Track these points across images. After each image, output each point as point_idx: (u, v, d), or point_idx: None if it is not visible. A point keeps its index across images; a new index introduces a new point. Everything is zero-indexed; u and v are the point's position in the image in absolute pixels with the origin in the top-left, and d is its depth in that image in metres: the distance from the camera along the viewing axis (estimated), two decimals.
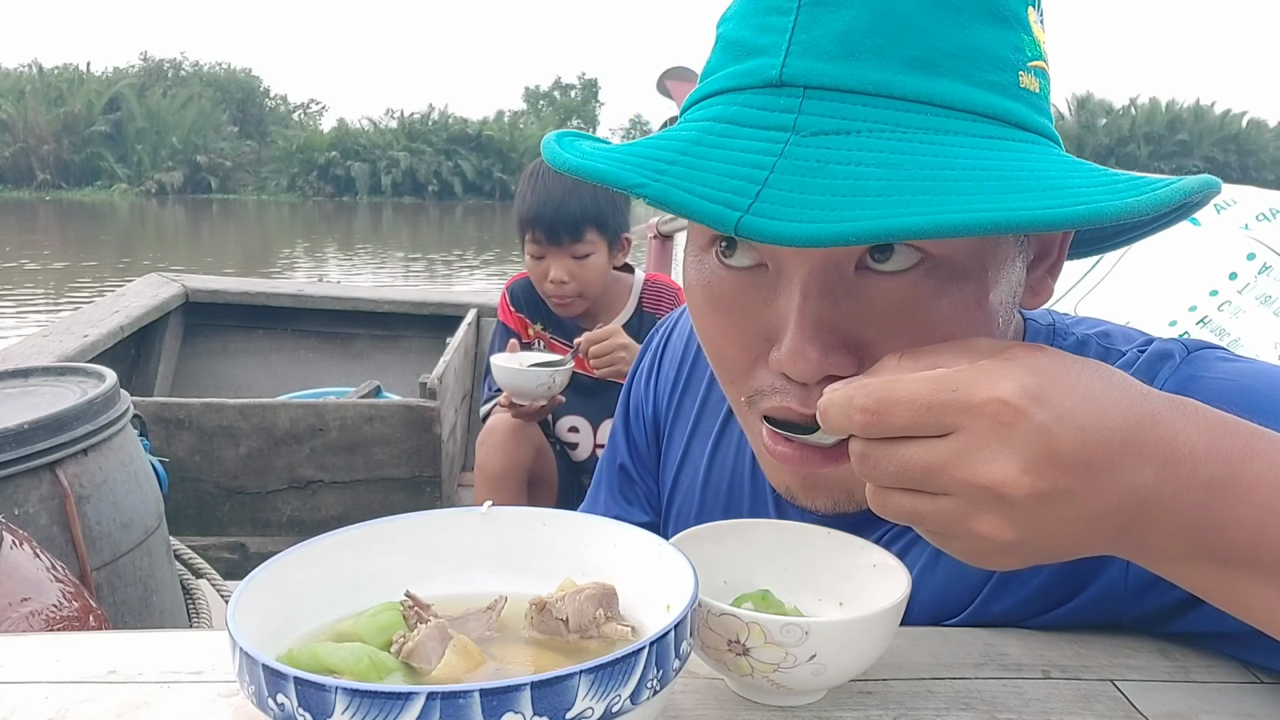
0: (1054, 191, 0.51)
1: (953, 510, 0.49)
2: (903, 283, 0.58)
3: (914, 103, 0.54)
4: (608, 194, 2.21)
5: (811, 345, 0.58)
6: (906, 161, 0.52)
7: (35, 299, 11.23)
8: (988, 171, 0.52)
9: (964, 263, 0.58)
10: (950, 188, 0.50)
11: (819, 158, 0.52)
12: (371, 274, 15.85)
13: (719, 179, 0.53)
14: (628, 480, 0.97)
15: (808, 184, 0.51)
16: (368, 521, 0.63)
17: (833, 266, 0.58)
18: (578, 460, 2.41)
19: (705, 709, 0.60)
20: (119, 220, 29.36)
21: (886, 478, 0.50)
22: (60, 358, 2.85)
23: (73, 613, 1.36)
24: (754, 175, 0.52)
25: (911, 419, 0.48)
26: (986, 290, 0.59)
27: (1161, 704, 0.61)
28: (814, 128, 0.53)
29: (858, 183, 0.51)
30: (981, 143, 0.54)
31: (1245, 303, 1.69)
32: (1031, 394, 0.47)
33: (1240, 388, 0.65)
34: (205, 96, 45.45)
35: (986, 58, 0.56)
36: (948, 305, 0.58)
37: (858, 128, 0.53)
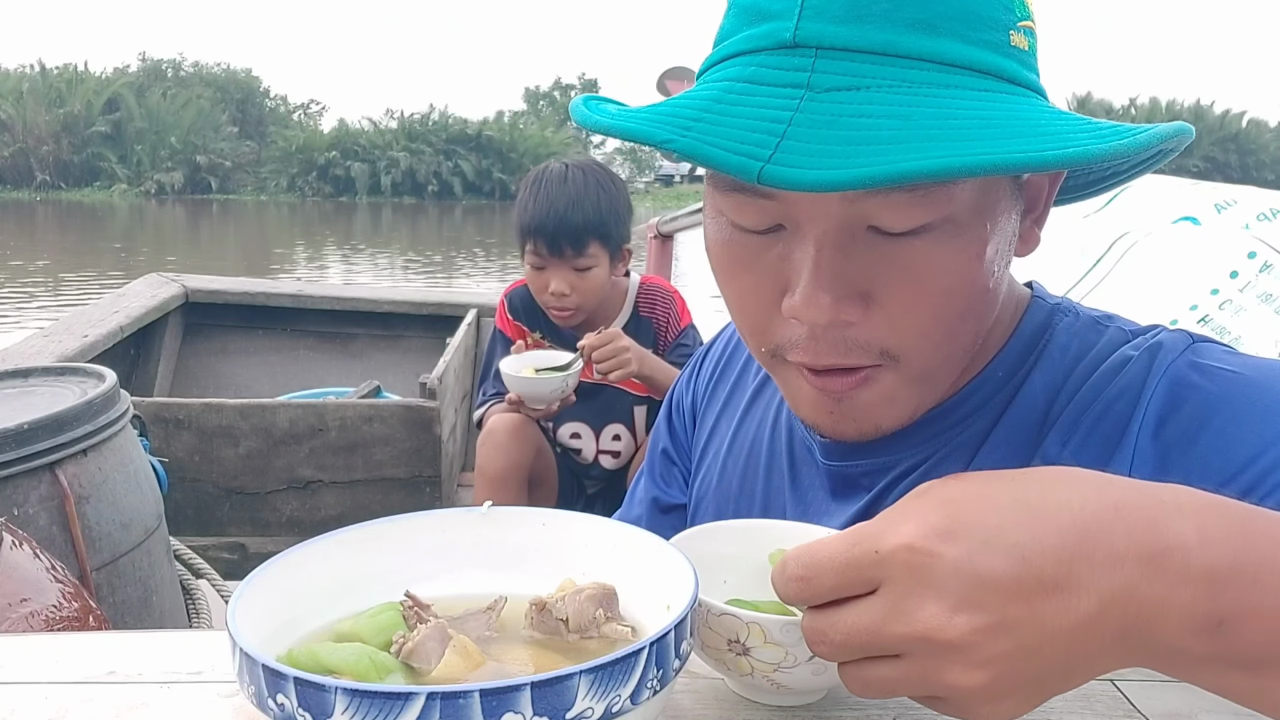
0: (1047, 137, 0.56)
1: (914, 669, 0.46)
2: (913, 242, 0.62)
3: (918, 60, 0.58)
4: (611, 205, 2.18)
5: (824, 292, 0.62)
6: (914, 113, 0.56)
7: (35, 299, 11.23)
8: (988, 120, 0.56)
9: (966, 220, 0.62)
10: (955, 135, 0.55)
11: (832, 111, 0.56)
12: (371, 274, 15.86)
13: (741, 133, 0.57)
14: (668, 463, 1.03)
15: (824, 135, 0.55)
16: (368, 521, 0.63)
17: (845, 227, 0.62)
18: (583, 464, 2.41)
19: (705, 709, 0.60)
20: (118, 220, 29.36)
21: (841, 650, 0.48)
22: (60, 358, 2.85)
23: (72, 613, 1.36)
24: (773, 129, 0.56)
25: (835, 579, 0.47)
26: (985, 244, 0.64)
27: (1161, 704, 0.61)
28: (826, 85, 0.58)
29: (870, 133, 0.55)
30: (981, 95, 0.58)
31: (1246, 301, 1.69)
32: (939, 531, 0.45)
33: (1244, 380, 0.66)
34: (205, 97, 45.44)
35: (981, 19, 0.60)
36: (949, 259, 0.63)
37: (867, 84, 0.57)
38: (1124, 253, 1.90)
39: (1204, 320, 1.72)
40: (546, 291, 2.22)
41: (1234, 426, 0.64)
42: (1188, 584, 0.44)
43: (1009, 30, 0.62)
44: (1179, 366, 0.68)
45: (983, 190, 0.63)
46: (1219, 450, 0.64)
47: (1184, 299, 1.76)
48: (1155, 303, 1.77)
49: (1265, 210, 1.80)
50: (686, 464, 1.02)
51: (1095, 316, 0.76)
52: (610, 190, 2.21)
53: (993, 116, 0.57)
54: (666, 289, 2.41)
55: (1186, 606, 0.44)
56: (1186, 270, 1.79)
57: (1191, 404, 0.66)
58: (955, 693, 0.45)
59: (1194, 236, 1.83)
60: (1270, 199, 1.84)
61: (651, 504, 1.02)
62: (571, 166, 2.23)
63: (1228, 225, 1.81)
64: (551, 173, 2.21)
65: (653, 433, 1.07)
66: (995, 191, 0.64)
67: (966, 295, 0.65)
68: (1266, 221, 1.78)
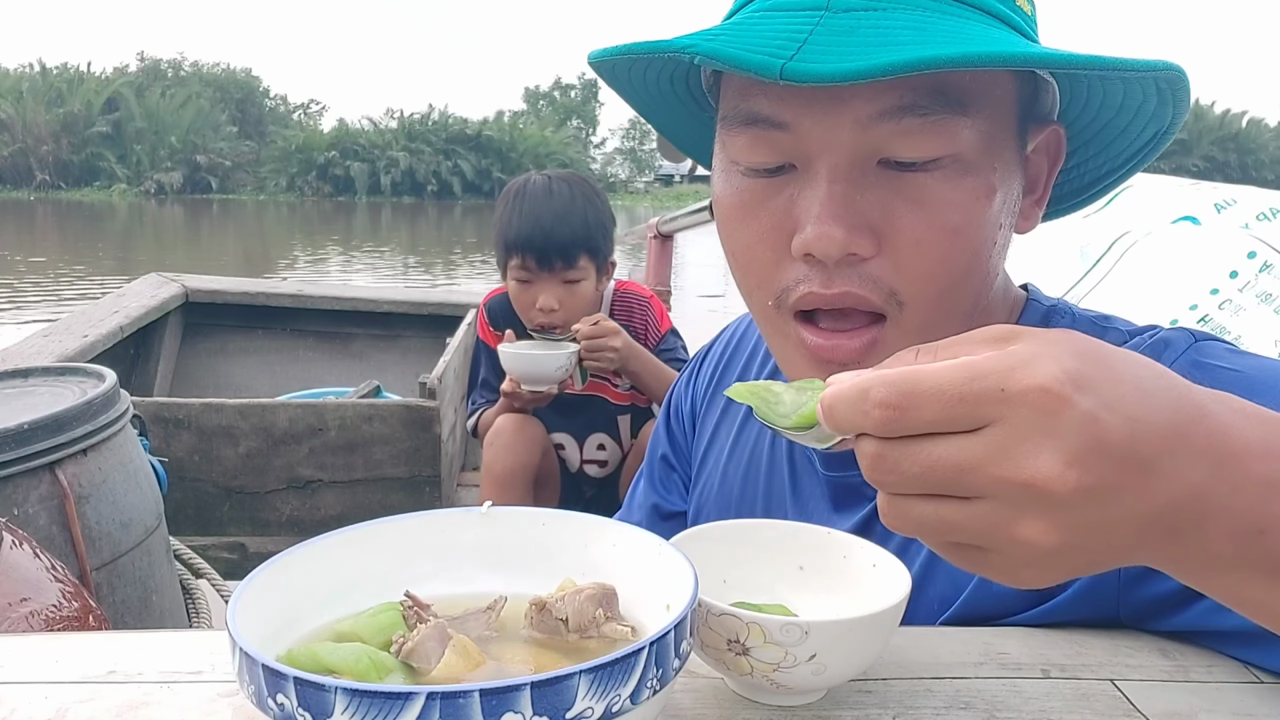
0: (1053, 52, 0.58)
1: (989, 516, 0.43)
2: (923, 176, 0.64)
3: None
4: (598, 217, 2.15)
5: (836, 223, 0.63)
6: (930, 27, 0.60)
7: (35, 299, 11.23)
8: (998, 38, 0.60)
9: (974, 160, 0.64)
10: (968, 41, 0.59)
11: (850, 25, 0.60)
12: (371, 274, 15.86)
13: (763, 41, 0.60)
14: (668, 469, 1.03)
15: (843, 41, 0.59)
16: (368, 521, 0.63)
17: (856, 159, 0.64)
18: (569, 472, 2.41)
19: (705, 709, 0.60)
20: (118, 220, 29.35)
21: (908, 482, 0.44)
22: (60, 358, 2.85)
23: (72, 613, 1.36)
24: (795, 36, 0.60)
25: (940, 413, 0.43)
26: (994, 187, 0.65)
27: (1161, 703, 0.61)
28: (844, 6, 0.61)
29: (888, 36, 0.59)
30: (991, 24, 0.62)
31: (1246, 301, 1.69)
32: (1075, 380, 0.42)
33: (1247, 379, 0.66)
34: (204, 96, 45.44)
35: None
36: (960, 195, 0.64)
37: (883, 6, 0.61)
38: (1124, 252, 1.90)
39: (1204, 320, 1.72)
40: (533, 307, 2.16)
41: None
42: (1246, 489, 0.44)
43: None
44: (1181, 365, 0.68)
45: (988, 134, 0.65)
46: None
47: (1184, 299, 1.76)
48: (1155, 302, 1.77)
49: (1265, 210, 1.80)
50: (686, 470, 1.01)
51: (1092, 317, 0.76)
52: (595, 202, 2.18)
53: (1003, 38, 0.61)
54: (642, 294, 2.37)
55: (1239, 512, 0.44)
56: (1186, 270, 1.79)
57: None
58: (1019, 550, 0.44)
59: (1194, 236, 1.83)
60: (1270, 199, 1.84)
61: (652, 510, 1.01)
62: (555, 179, 2.18)
63: (1227, 225, 1.81)
64: (535, 186, 2.16)
65: (652, 437, 1.07)
66: (1001, 139, 0.66)
67: (974, 241, 0.66)
68: (1266, 221, 1.78)
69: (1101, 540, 0.44)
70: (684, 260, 9.99)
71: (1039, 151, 0.71)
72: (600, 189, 2.29)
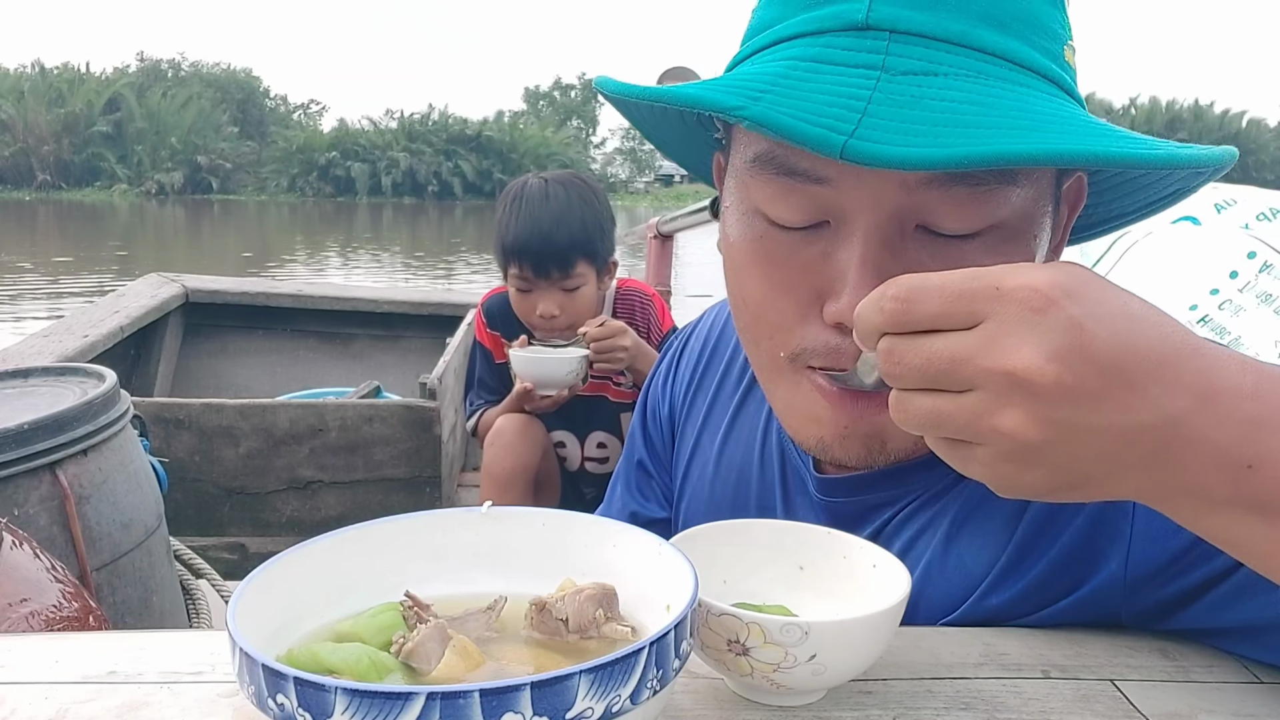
0: (1124, 140, 0.57)
1: (975, 406, 0.46)
2: (967, 245, 0.62)
3: (989, 54, 0.59)
4: (596, 220, 2.14)
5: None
6: (994, 103, 0.57)
7: (35, 299, 11.23)
8: (1064, 119, 0.58)
9: (1015, 227, 0.63)
10: (1035, 126, 0.56)
11: (912, 94, 0.57)
12: (371, 274, 15.86)
13: (818, 106, 0.56)
14: (645, 476, 1.00)
15: (906, 115, 0.56)
16: (368, 521, 0.63)
17: (896, 221, 0.61)
18: (570, 472, 2.41)
19: (705, 709, 0.60)
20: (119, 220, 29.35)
21: (912, 375, 0.48)
22: (60, 358, 2.85)
23: (73, 613, 1.36)
24: (853, 105, 0.56)
25: (941, 307, 0.47)
26: (1032, 254, 0.64)
27: (1161, 704, 0.61)
28: (902, 68, 0.58)
29: (954, 115, 0.56)
30: (1050, 96, 0.60)
31: (1246, 301, 1.69)
32: (1066, 289, 0.46)
33: None
34: (205, 97, 45.45)
35: (1043, 27, 0.62)
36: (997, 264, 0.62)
37: (944, 70, 0.58)
38: (1124, 253, 1.90)
39: (1204, 320, 1.72)
40: (534, 314, 2.16)
41: None
42: (1230, 425, 0.46)
43: (1064, 44, 0.63)
44: None
45: (1033, 200, 0.63)
46: None
47: (1184, 299, 1.76)
48: (1155, 303, 1.77)
49: (1265, 210, 1.80)
50: (665, 478, 0.99)
51: None
52: (593, 204, 2.16)
53: (1069, 116, 0.58)
54: (645, 292, 2.37)
55: (1222, 446, 0.46)
56: (1186, 270, 1.79)
57: None
58: (1000, 440, 0.46)
59: (1194, 236, 1.83)
60: (1270, 199, 1.84)
61: (630, 519, 0.98)
62: (551, 182, 2.16)
63: (1227, 225, 1.81)
64: (531, 190, 2.14)
65: (628, 440, 1.03)
66: (1042, 204, 0.64)
67: None
68: (1266, 221, 1.78)
69: (1080, 446, 0.46)
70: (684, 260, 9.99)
71: (1063, 200, 0.69)
72: (600, 189, 2.28)
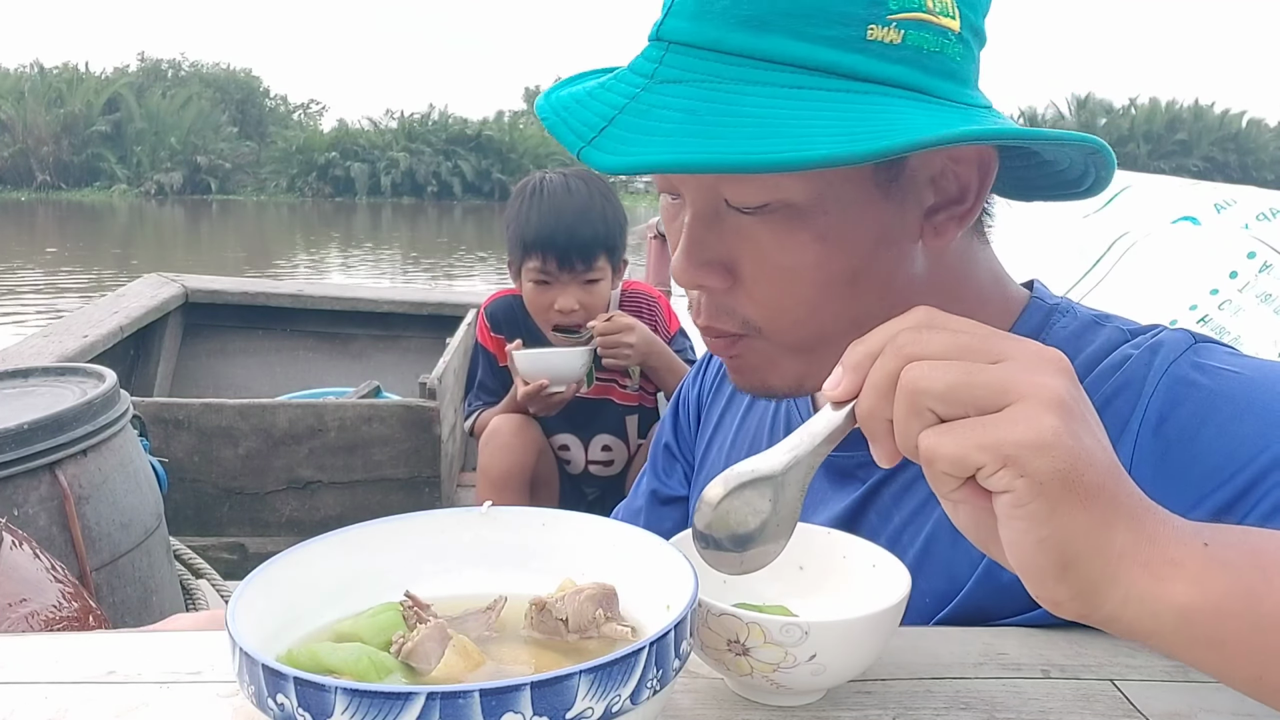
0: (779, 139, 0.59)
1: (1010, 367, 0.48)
2: (755, 220, 0.67)
3: (738, 56, 0.63)
4: (615, 215, 2.13)
5: (688, 260, 0.71)
6: (701, 108, 0.62)
7: (35, 299, 11.23)
8: (760, 119, 0.61)
9: (804, 205, 0.66)
10: (709, 132, 0.61)
11: (651, 102, 0.63)
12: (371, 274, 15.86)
13: (588, 115, 0.65)
14: (670, 458, 1.05)
15: (635, 124, 0.63)
16: (367, 521, 0.63)
17: (709, 200, 0.69)
18: (573, 474, 2.40)
19: (705, 709, 0.60)
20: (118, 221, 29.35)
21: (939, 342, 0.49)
22: (60, 358, 2.85)
23: (72, 613, 1.36)
24: (608, 114, 0.64)
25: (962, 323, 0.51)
26: (827, 229, 0.67)
27: (1161, 703, 0.61)
28: (664, 76, 0.65)
29: (659, 124, 0.62)
30: (780, 92, 0.62)
31: (1245, 301, 1.69)
32: None
33: (1247, 381, 0.66)
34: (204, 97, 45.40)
35: (824, 15, 0.62)
36: (785, 239, 0.68)
37: (687, 78, 0.64)
38: (1124, 253, 1.90)
39: (1204, 320, 1.72)
40: (551, 309, 2.13)
41: (1235, 424, 0.64)
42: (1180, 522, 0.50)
43: (867, 25, 0.63)
44: (1181, 365, 0.68)
45: (823, 179, 0.66)
46: (1220, 447, 0.64)
47: (1184, 299, 1.76)
48: (1155, 303, 1.77)
49: (1265, 210, 1.80)
50: (689, 458, 1.03)
51: (1093, 316, 0.76)
52: (612, 200, 2.16)
53: (766, 115, 0.61)
54: (650, 294, 2.36)
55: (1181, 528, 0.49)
56: (1186, 270, 1.79)
57: (1193, 401, 0.66)
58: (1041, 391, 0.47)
59: (1194, 236, 1.83)
60: (1270, 199, 1.84)
61: (651, 496, 1.04)
62: (571, 176, 2.15)
63: (1227, 225, 1.81)
64: (552, 183, 2.13)
65: (658, 428, 1.09)
66: (842, 182, 0.66)
67: (813, 277, 0.69)
68: (1266, 221, 1.78)
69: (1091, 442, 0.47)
70: None
71: (965, 163, 0.70)
72: (612, 187, 2.28)
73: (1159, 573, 0.47)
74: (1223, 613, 0.47)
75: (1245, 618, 0.47)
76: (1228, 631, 0.47)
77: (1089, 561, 0.47)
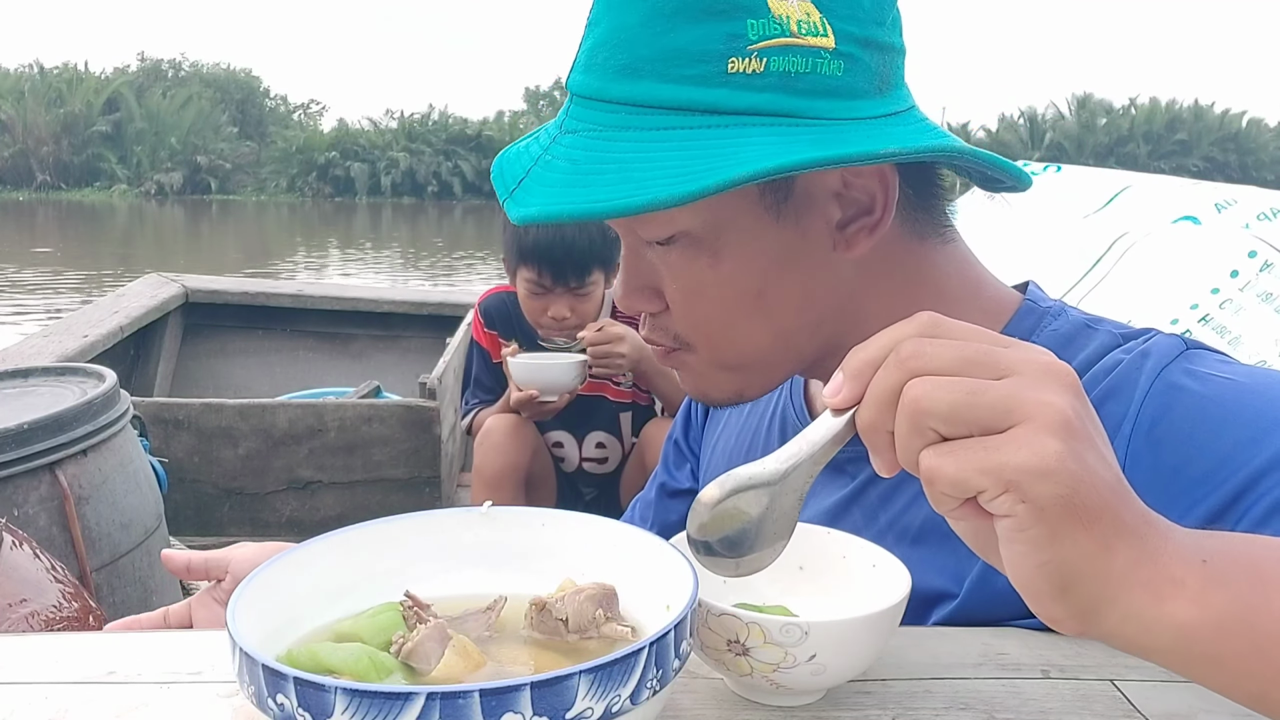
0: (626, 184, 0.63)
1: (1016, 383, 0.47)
2: (666, 250, 0.72)
3: (617, 104, 0.67)
4: (610, 229, 2.16)
5: (624, 285, 0.77)
6: (581, 157, 0.67)
7: (35, 299, 11.23)
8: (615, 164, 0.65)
9: (700, 235, 0.70)
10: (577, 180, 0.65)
11: (555, 154, 0.68)
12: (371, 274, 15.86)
13: (516, 169, 0.70)
14: (679, 453, 1.08)
15: (540, 175, 0.68)
16: (367, 521, 0.63)
17: (631, 236, 0.75)
18: (567, 472, 2.41)
19: (705, 709, 0.60)
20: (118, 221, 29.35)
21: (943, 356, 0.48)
22: (60, 358, 2.85)
23: (72, 613, 1.36)
24: (527, 166, 0.69)
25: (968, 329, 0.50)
26: (720, 252, 0.71)
27: (1161, 704, 0.61)
28: (567, 128, 0.69)
29: (551, 175, 0.67)
30: (645, 135, 0.66)
31: (1246, 300, 1.69)
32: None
33: (1239, 387, 0.66)
34: (204, 97, 45.39)
35: (686, 55, 0.65)
36: (685, 266, 0.72)
37: (580, 128, 0.68)
38: (1124, 252, 1.90)
39: (1204, 320, 1.72)
40: (545, 315, 2.18)
41: (1227, 429, 0.64)
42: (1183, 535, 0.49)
43: (727, 59, 0.64)
44: (1172, 371, 0.68)
45: (710, 209, 0.69)
46: (1212, 452, 0.64)
47: (1184, 298, 1.76)
48: (1155, 302, 1.78)
49: (1265, 210, 1.80)
50: (697, 454, 1.06)
51: (1085, 319, 0.76)
52: None
53: (626, 159, 0.65)
54: None
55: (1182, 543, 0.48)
56: (1187, 270, 1.79)
57: (1184, 407, 0.66)
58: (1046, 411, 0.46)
59: (1194, 236, 1.83)
60: (1270, 198, 1.84)
61: (659, 489, 1.07)
62: None
63: (1228, 224, 1.81)
64: None
65: (671, 425, 1.12)
66: (731, 209, 0.69)
67: (719, 295, 0.73)
68: (1266, 221, 1.78)
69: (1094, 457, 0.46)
70: None
71: (864, 176, 0.71)
72: None
73: (1159, 591, 0.47)
74: (1223, 631, 0.46)
75: (1245, 637, 0.46)
76: (1227, 650, 0.47)
77: (1088, 584, 0.47)
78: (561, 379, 2.13)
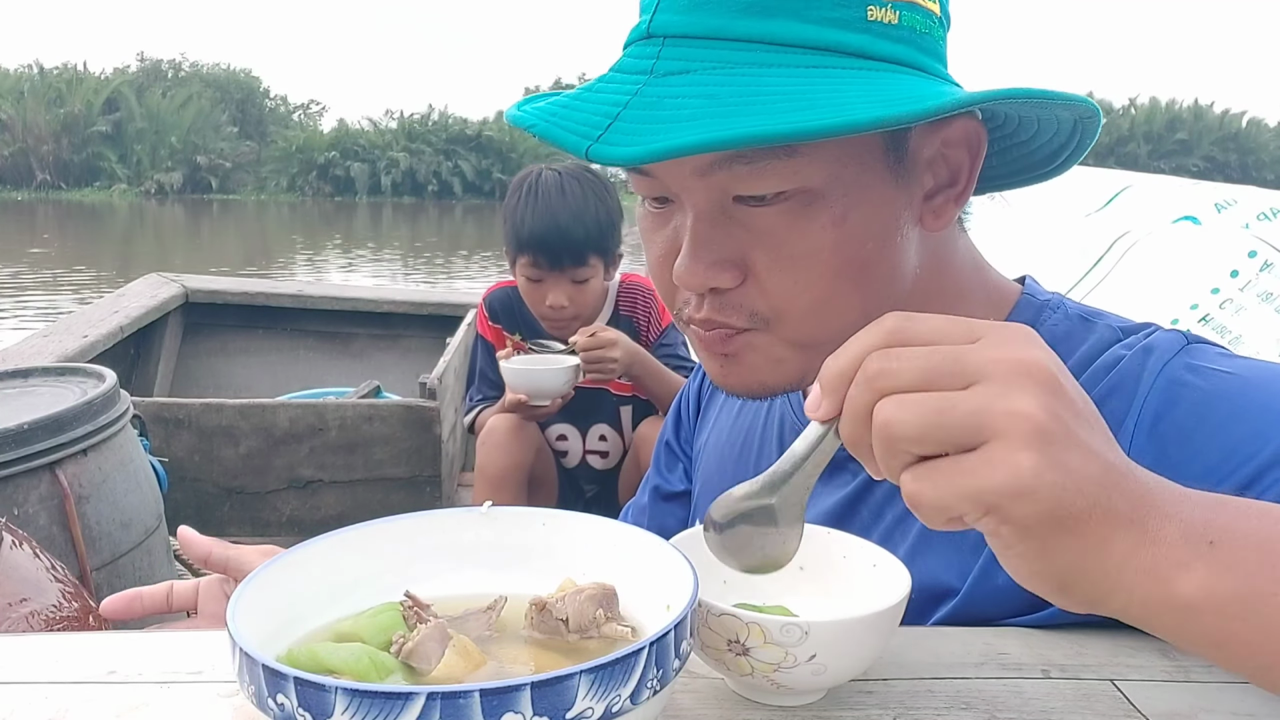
0: (814, 109, 0.59)
1: (985, 392, 0.45)
2: (770, 211, 0.67)
3: (745, 42, 0.63)
4: (608, 215, 2.17)
5: (696, 260, 0.68)
6: (721, 92, 0.61)
7: (35, 299, 11.22)
8: (779, 95, 0.61)
9: (821, 189, 0.66)
10: (740, 111, 0.59)
11: (659, 94, 0.63)
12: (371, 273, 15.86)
13: (586, 116, 0.64)
14: (671, 454, 1.07)
15: (645, 115, 0.62)
16: (368, 521, 0.63)
17: (713, 198, 0.68)
18: (569, 467, 2.41)
19: (705, 709, 0.60)
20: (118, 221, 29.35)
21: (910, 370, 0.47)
22: (60, 358, 2.85)
23: (72, 613, 1.36)
24: (610, 112, 0.63)
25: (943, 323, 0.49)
26: (845, 212, 0.67)
27: (1161, 703, 0.61)
28: (664, 70, 0.64)
29: (677, 112, 0.61)
30: (798, 72, 0.62)
31: (1246, 300, 1.69)
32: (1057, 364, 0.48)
33: (1241, 381, 0.66)
34: (204, 96, 45.37)
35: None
36: (802, 225, 0.67)
37: (695, 68, 0.63)
38: (1124, 252, 1.90)
39: (1205, 319, 1.72)
40: (544, 304, 2.19)
41: (1231, 423, 0.64)
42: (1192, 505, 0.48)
43: (866, 6, 0.64)
44: (1174, 367, 0.68)
45: (839, 163, 0.66)
46: (1217, 446, 0.64)
47: (1184, 298, 1.76)
48: (1156, 302, 1.78)
49: (1265, 209, 1.80)
50: (689, 455, 1.05)
51: (1083, 313, 0.76)
52: (605, 199, 2.19)
53: (792, 91, 0.61)
54: (646, 287, 2.38)
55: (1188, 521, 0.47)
56: (1187, 269, 1.79)
57: (1188, 401, 0.66)
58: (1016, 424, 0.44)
59: (1194, 236, 1.83)
60: (1270, 198, 1.84)
61: (653, 492, 1.06)
62: (565, 175, 2.18)
63: (1228, 224, 1.81)
64: (547, 182, 2.16)
65: (662, 427, 1.11)
66: (857, 165, 0.66)
67: (828, 262, 0.68)
68: (1267, 221, 1.78)
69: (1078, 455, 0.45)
70: None
71: (956, 145, 0.70)
72: (609, 183, 2.30)
73: (1162, 576, 0.47)
74: (1227, 615, 0.47)
75: (1250, 620, 0.47)
76: (1232, 632, 0.47)
77: (1087, 580, 0.47)
78: (552, 384, 2.14)
